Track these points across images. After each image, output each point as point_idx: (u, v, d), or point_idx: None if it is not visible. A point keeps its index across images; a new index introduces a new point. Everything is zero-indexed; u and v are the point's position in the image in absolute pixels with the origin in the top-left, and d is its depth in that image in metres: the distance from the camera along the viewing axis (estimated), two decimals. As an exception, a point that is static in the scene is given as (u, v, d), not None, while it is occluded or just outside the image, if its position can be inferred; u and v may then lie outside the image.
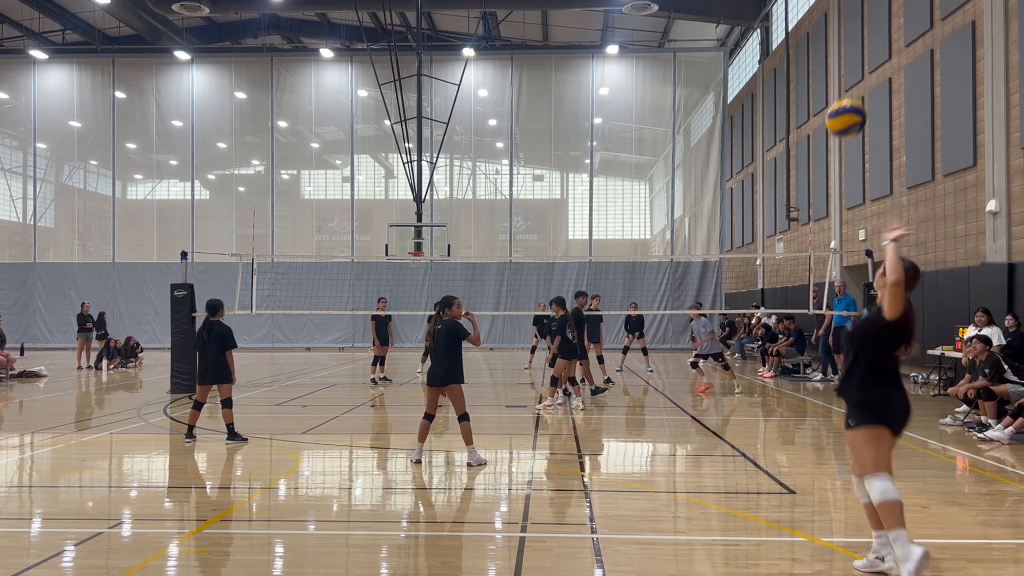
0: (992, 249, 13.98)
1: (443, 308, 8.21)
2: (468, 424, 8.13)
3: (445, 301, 8.27)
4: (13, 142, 30.65)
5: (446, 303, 8.25)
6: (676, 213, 28.73)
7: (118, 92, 29.24)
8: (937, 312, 15.71)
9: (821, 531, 5.88)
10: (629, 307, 20.36)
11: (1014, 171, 13.54)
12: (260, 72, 29.36)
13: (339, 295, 26.34)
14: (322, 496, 7.15)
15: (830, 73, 21.47)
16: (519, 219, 29.72)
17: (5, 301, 28.07)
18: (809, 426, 11.21)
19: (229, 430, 9.43)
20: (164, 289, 22.05)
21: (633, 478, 8.05)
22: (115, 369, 20.15)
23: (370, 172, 30.98)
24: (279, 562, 5.32)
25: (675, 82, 28.34)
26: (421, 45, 22.29)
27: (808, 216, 23.38)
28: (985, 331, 11.63)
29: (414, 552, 5.48)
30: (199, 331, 9.57)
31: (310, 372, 19.36)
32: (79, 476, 7.89)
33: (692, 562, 5.24)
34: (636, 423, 11.67)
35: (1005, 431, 9.37)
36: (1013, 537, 5.88)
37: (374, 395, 14.45)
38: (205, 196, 30.51)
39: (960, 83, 15.17)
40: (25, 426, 11.35)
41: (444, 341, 8.03)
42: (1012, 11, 13.62)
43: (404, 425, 11.28)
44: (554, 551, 5.42)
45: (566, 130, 29.69)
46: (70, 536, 5.84)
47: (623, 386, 16.17)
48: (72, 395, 15.16)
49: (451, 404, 8.26)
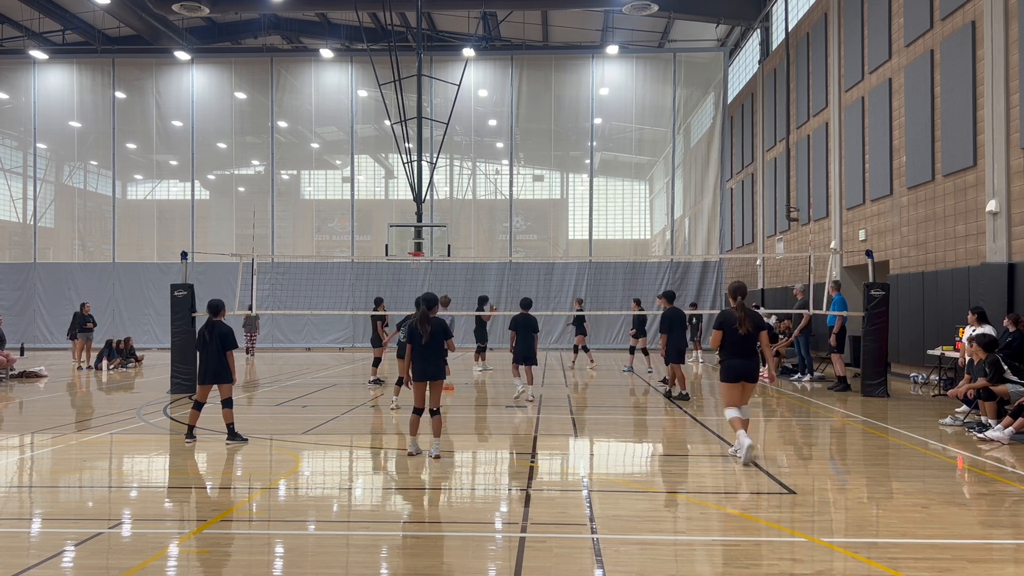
0: (992, 249, 13.98)
1: (429, 306, 8.48)
2: (440, 419, 8.49)
3: (431, 299, 8.53)
4: (13, 142, 30.66)
5: (433, 301, 8.53)
6: (676, 213, 28.74)
7: (118, 92, 29.24)
8: (937, 312, 15.71)
9: (821, 531, 5.88)
10: (631, 304, 20.31)
11: (1014, 171, 13.54)
12: (260, 72, 29.37)
13: (339, 295, 26.35)
14: (322, 496, 7.15)
15: (830, 73, 21.47)
16: (519, 219, 29.72)
17: (5, 301, 28.08)
18: (809, 426, 11.21)
19: (229, 430, 9.45)
20: (164, 289, 22.09)
21: (633, 478, 8.05)
22: (115, 369, 20.15)
23: (370, 172, 30.99)
24: (279, 562, 5.32)
25: (675, 82, 28.35)
26: (421, 45, 22.29)
27: (808, 216, 23.38)
28: (979, 331, 11.66)
29: (414, 552, 5.48)
30: (200, 331, 9.57)
31: (310, 372, 19.36)
32: (79, 476, 7.89)
33: (692, 562, 5.24)
34: (636, 423, 11.67)
35: (1005, 431, 9.37)
36: (1013, 537, 5.88)
37: (375, 395, 14.46)
38: (205, 196, 30.52)
39: (960, 83, 15.17)
40: (25, 426, 11.35)
41: (434, 338, 8.37)
42: (1012, 11, 13.62)
43: (405, 426, 11.29)
44: (554, 551, 5.42)
45: (566, 130, 29.69)
46: (70, 536, 5.84)
47: (631, 386, 16.17)
48: (72, 395, 15.16)
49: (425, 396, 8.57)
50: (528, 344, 13.22)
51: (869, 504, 6.73)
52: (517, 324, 13.40)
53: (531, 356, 13.21)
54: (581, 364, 20.38)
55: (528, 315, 13.40)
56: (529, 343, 13.23)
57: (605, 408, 13.01)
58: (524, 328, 13.30)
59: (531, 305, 13.65)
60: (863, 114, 19.53)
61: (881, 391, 13.85)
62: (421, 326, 8.40)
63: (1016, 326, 11.41)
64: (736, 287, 8.50)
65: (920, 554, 5.35)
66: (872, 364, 13.99)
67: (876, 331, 14.01)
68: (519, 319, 13.41)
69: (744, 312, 8.34)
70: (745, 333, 8.24)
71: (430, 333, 8.36)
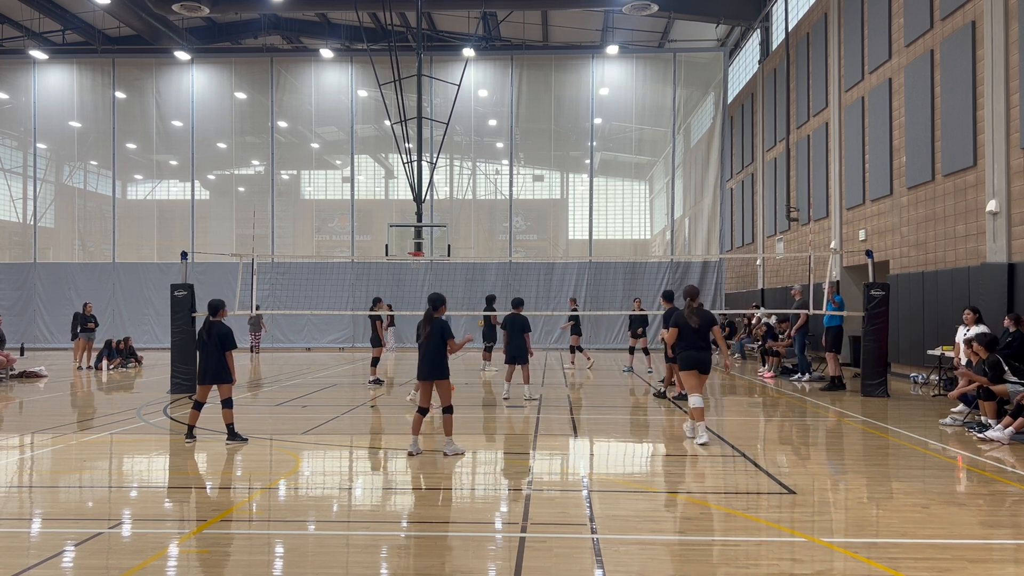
0: (992, 249, 13.98)
1: (436, 307, 8.66)
2: (451, 417, 8.68)
3: (438, 299, 8.70)
4: (13, 142, 30.65)
5: (439, 301, 8.69)
6: (676, 213, 28.73)
7: (118, 92, 29.24)
8: (937, 312, 15.71)
9: (821, 531, 5.88)
10: (633, 304, 20.23)
11: (1014, 171, 13.54)
12: (260, 72, 29.37)
13: (339, 295, 26.36)
14: (322, 496, 7.15)
15: (830, 73, 21.47)
16: (519, 219, 29.71)
17: (5, 301, 28.08)
18: (809, 426, 11.21)
19: (229, 430, 9.45)
20: (164, 289, 22.09)
21: (633, 478, 8.05)
22: (115, 369, 20.15)
23: (370, 172, 30.98)
24: (279, 562, 5.32)
25: (675, 82, 28.35)
26: (421, 45, 22.29)
27: (808, 216, 23.37)
28: (974, 330, 11.71)
29: (414, 552, 5.48)
30: (200, 331, 9.57)
31: (310, 372, 19.36)
32: (79, 476, 7.89)
33: (692, 562, 5.24)
34: (636, 423, 11.67)
35: (1005, 431, 9.37)
36: (1013, 537, 5.88)
37: (375, 395, 14.46)
38: (205, 196, 30.51)
39: (960, 83, 15.17)
40: (25, 426, 11.35)
41: (436, 338, 8.53)
42: (1012, 11, 13.62)
43: (405, 425, 11.29)
44: (554, 551, 5.42)
45: (566, 130, 29.68)
46: (70, 536, 5.84)
47: (631, 386, 16.17)
48: (72, 395, 15.16)
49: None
50: (520, 343, 13.32)
51: (869, 504, 6.73)
52: (508, 323, 13.56)
53: (522, 355, 13.31)
54: (581, 364, 20.38)
55: (519, 314, 13.53)
56: (521, 342, 13.33)
57: (605, 408, 13.01)
58: (515, 327, 13.37)
59: (522, 304, 13.80)
60: (863, 114, 19.53)
61: (881, 391, 13.86)
62: (423, 326, 8.52)
63: (1016, 326, 11.42)
64: (689, 290, 9.72)
65: (920, 554, 5.35)
66: (872, 364, 13.99)
67: (876, 331, 14.01)
68: (509, 319, 13.57)
69: (693, 310, 9.50)
70: (696, 327, 9.39)
71: (429, 333, 8.51)
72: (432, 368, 8.52)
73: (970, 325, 12.13)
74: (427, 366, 8.55)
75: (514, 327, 13.42)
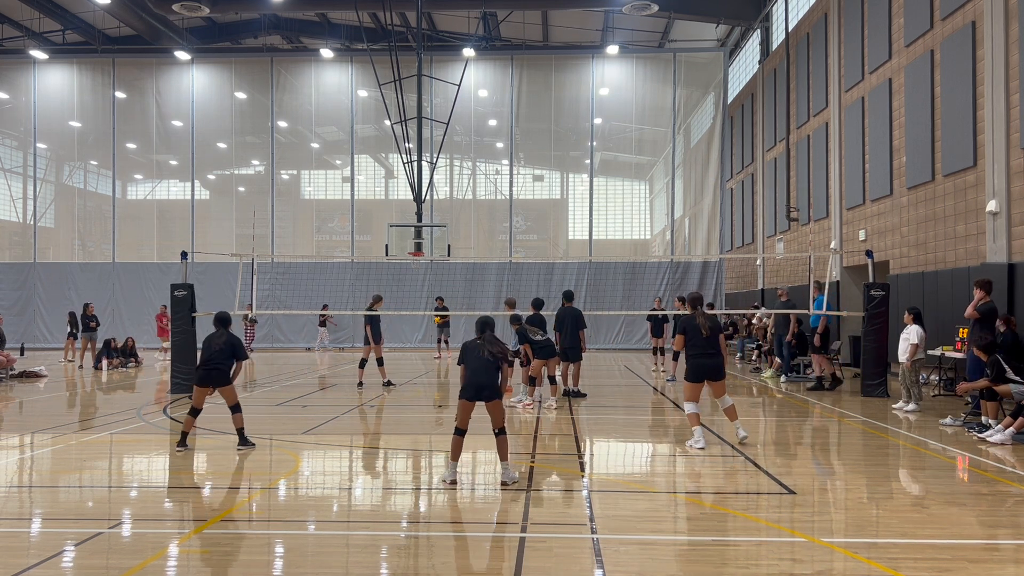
0: (992, 249, 13.97)
1: (494, 328, 7.88)
2: (505, 439, 7.60)
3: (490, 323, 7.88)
4: (13, 142, 30.65)
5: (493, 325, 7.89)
6: (676, 213, 28.73)
7: (118, 92, 29.24)
8: (937, 312, 15.70)
9: (821, 531, 5.88)
10: (654, 303, 19.89)
11: (1014, 171, 13.54)
12: (260, 72, 29.36)
13: (339, 295, 26.35)
14: (322, 496, 7.15)
15: (830, 73, 21.47)
16: (519, 219, 29.71)
17: (5, 301, 28.07)
18: (809, 426, 11.21)
19: (240, 435, 9.15)
20: (164, 289, 22.03)
21: (633, 478, 8.05)
22: (115, 369, 20.15)
23: (370, 172, 30.98)
24: (279, 562, 5.32)
25: (675, 82, 28.34)
26: (421, 45, 22.28)
27: (808, 216, 23.37)
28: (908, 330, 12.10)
29: (414, 552, 5.48)
30: (208, 339, 9.25)
31: (310, 372, 19.36)
32: (79, 476, 7.89)
33: (692, 562, 5.24)
34: (636, 423, 11.67)
35: (1005, 432, 9.37)
36: (1013, 537, 5.88)
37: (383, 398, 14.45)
38: (205, 196, 30.51)
39: (960, 83, 15.16)
40: (25, 426, 11.35)
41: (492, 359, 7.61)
42: (1012, 11, 13.62)
43: (405, 426, 11.29)
44: (554, 551, 5.42)
45: (566, 130, 29.68)
46: (70, 536, 5.84)
47: (631, 386, 16.17)
48: (72, 395, 15.16)
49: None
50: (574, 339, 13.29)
51: (869, 504, 6.73)
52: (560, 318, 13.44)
53: (576, 353, 13.28)
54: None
55: (571, 308, 13.46)
56: (575, 339, 13.30)
57: (605, 408, 13.01)
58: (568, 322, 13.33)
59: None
60: (863, 114, 19.53)
61: (881, 391, 13.86)
62: (483, 346, 7.61)
63: (1007, 326, 11.41)
64: (694, 297, 9.68)
65: (920, 554, 5.35)
66: (872, 364, 14.00)
67: (876, 331, 14.02)
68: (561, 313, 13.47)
69: (704, 317, 9.42)
70: (707, 333, 9.27)
71: (492, 352, 7.59)
72: (491, 388, 7.49)
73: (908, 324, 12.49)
74: (484, 386, 7.49)
75: (567, 321, 13.19)
